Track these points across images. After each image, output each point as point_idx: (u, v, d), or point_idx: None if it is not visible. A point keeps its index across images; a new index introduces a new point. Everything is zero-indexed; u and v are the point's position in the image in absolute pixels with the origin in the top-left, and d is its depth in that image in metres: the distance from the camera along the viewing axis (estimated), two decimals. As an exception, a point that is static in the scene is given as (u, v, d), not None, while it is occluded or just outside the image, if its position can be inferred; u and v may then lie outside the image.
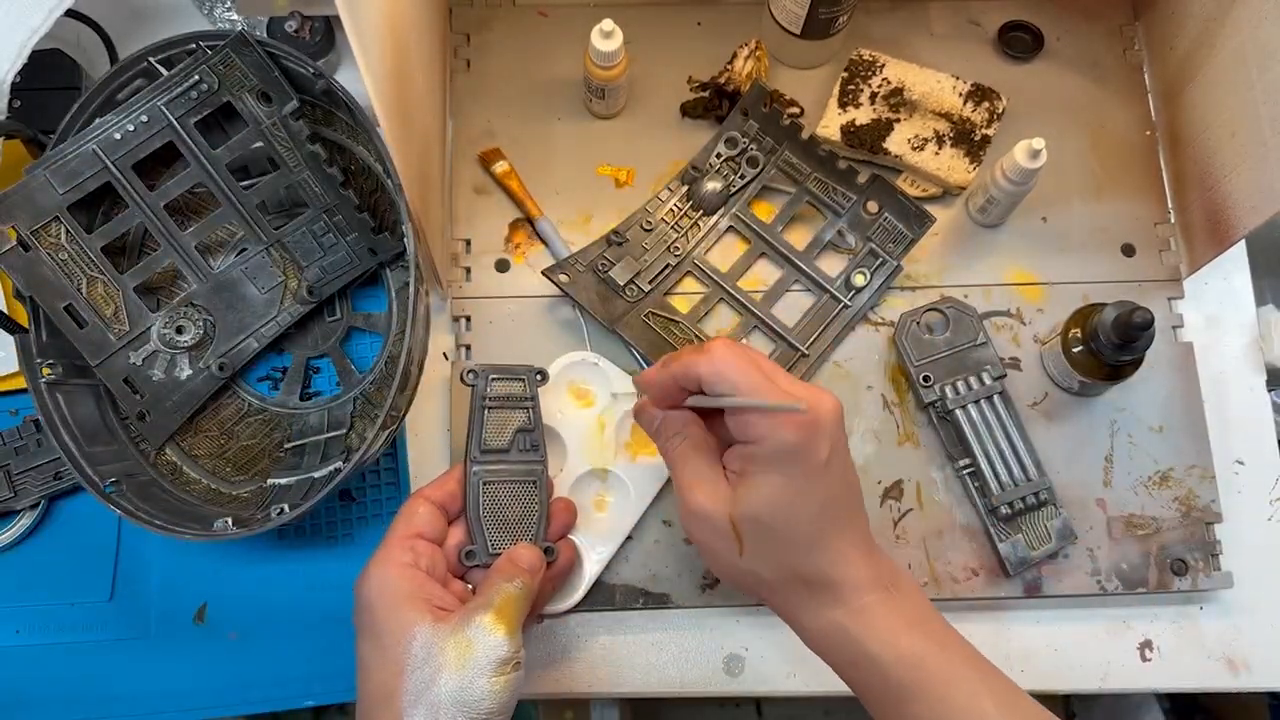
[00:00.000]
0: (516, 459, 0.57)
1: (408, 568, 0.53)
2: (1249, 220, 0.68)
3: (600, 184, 0.78)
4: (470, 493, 0.56)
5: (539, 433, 0.58)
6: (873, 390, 0.73)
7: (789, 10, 0.75)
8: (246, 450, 0.72)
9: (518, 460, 0.57)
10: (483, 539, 0.56)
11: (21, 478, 0.69)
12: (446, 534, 0.58)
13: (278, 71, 0.65)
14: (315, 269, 0.72)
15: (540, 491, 0.57)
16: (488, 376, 0.58)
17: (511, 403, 0.58)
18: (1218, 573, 0.70)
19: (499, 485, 0.57)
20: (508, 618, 0.51)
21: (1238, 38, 0.69)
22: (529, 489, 0.57)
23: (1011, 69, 0.81)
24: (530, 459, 0.57)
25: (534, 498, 0.57)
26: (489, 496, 0.56)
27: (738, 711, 1.32)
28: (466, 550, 0.56)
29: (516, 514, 0.57)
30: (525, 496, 0.57)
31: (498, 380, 0.58)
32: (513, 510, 0.57)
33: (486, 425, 0.58)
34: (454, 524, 0.59)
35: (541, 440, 0.58)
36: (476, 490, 0.56)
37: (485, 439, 0.57)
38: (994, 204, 0.74)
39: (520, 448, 0.58)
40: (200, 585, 0.70)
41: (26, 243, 0.65)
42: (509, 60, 0.80)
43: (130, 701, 0.67)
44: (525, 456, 0.58)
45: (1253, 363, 0.76)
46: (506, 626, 0.51)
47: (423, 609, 0.51)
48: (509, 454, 0.57)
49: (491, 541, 0.56)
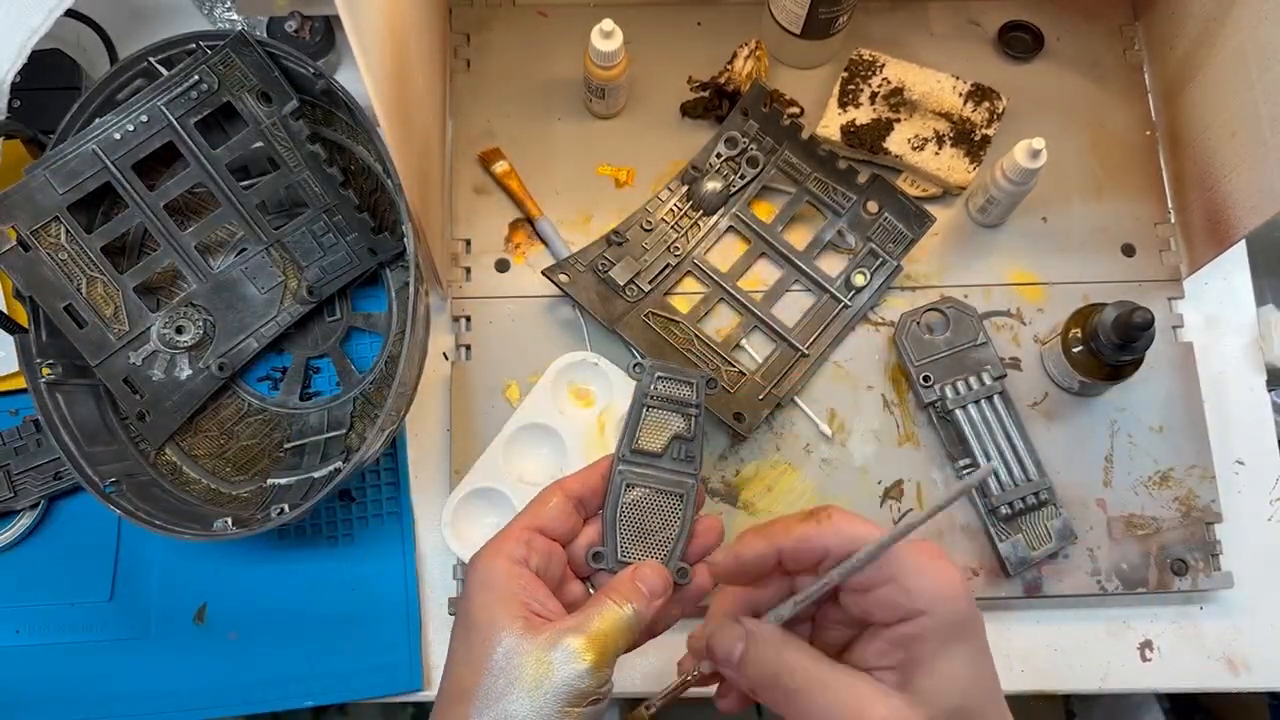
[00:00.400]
0: (668, 466, 0.53)
1: (515, 564, 0.48)
2: (1249, 220, 0.68)
3: (600, 184, 0.78)
4: (611, 492, 0.52)
5: (698, 444, 0.54)
6: (873, 390, 0.73)
7: (789, 10, 0.75)
8: (246, 450, 0.72)
9: (669, 468, 0.53)
10: (613, 543, 0.51)
11: (21, 478, 0.69)
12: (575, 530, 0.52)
13: (278, 71, 0.65)
14: (315, 269, 0.72)
15: (687, 507, 0.53)
16: (654, 373, 0.54)
17: (674, 406, 0.54)
18: (1218, 573, 0.70)
19: (643, 491, 0.52)
20: (600, 646, 0.45)
21: (1238, 37, 0.69)
22: (675, 501, 0.52)
23: (1011, 69, 0.81)
24: (683, 470, 0.53)
25: (678, 511, 0.52)
26: (630, 500, 0.52)
27: (738, 711, 1.31)
28: (594, 551, 0.51)
29: (656, 525, 0.52)
30: (669, 508, 0.52)
31: (664, 379, 0.54)
32: (652, 520, 0.52)
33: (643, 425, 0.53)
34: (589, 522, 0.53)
35: (699, 453, 0.54)
36: (618, 491, 0.52)
37: (639, 439, 0.53)
38: (994, 204, 0.73)
39: (674, 455, 0.53)
40: (200, 585, 0.70)
41: (26, 243, 0.65)
42: (509, 60, 0.80)
43: (130, 701, 0.67)
44: (678, 466, 0.53)
45: (1253, 363, 0.76)
46: (596, 655, 0.44)
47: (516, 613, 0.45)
48: (660, 459, 0.53)
49: (623, 549, 0.51)
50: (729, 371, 0.72)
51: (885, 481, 0.71)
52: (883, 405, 0.73)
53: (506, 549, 0.48)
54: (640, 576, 0.49)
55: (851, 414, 0.73)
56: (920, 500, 0.71)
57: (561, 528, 0.51)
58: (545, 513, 0.51)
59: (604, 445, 0.69)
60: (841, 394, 0.73)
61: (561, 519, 0.51)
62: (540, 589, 0.47)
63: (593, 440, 0.69)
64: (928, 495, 0.71)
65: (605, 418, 0.70)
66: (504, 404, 0.72)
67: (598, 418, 0.70)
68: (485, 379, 0.73)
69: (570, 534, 0.52)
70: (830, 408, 0.73)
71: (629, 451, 0.53)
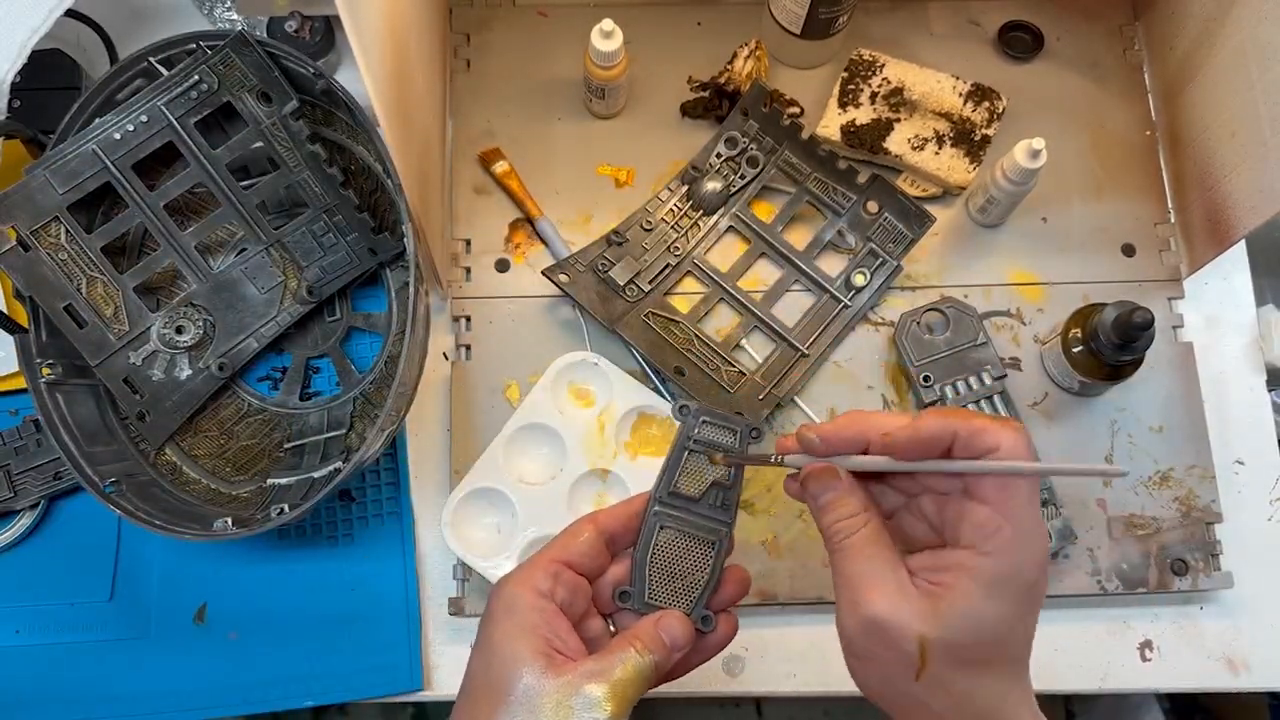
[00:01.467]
0: (704, 513, 0.52)
1: (541, 597, 0.47)
2: (1249, 220, 0.68)
3: (600, 184, 0.78)
4: (644, 532, 0.52)
5: (736, 493, 0.53)
6: (873, 390, 0.73)
7: (789, 10, 0.75)
8: (246, 450, 0.72)
9: (705, 515, 0.52)
10: (641, 584, 0.51)
11: (21, 478, 0.69)
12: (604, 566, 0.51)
13: (278, 71, 0.65)
14: (315, 269, 0.72)
15: (718, 556, 0.52)
16: (700, 417, 0.53)
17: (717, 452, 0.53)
18: (1218, 573, 0.70)
19: (676, 534, 0.52)
20: (621, 695, 0.45)
21: (1238, 37, 0.69)
22: (706, 549, 0.52)
23: (1011, 69, 0.81)
24: (718, 518, 0.52)
25: (708, 559, 0.52)
26: (662, 542, 0.51)
27: (738, 711, 1.32)
28: (621, 591, 0.51)
29: (685, 570, 0.51)
30: (700, 555, 0.52)
31: (709, 424, 0.53)
32: (682, 565, 0.52)
33: (684, 468, 0.52)
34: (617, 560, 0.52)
35: (735, 501, 0.53)
36: (651, 532, 0.51)
37: (678, 482, 0.52)
38: (994, 204, 0.74)
39: (711, 502, 0.52)
40: (200, 585, 0.70)
41: (26, 243, 0.65)
42: (509, 60, 0.80)
43: (130, 701, 0.67)
44: (714, 513, 0.52)
45: (1253, 363, 0.76)
46: (615, 705, 0.44)
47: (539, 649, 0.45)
48: (697, 504, 0.52)
49: (650, 591, 0.51)
50: (729, 371, 0.72)
51: (885, 481, 0.71)
52: (883, 405, 0.73)
53: (534, 580, 0.48)
54: (664, 626, 0.49)
55: (851, 414, 0.72)
56: (920, 500, 0.71)
57: (590, 563, 0.50)
58: (575, 547, 0.50)
59: (604, 445, 0.69)
60: (841, 394, 0.73)
61: (591, 554, 0.50)
62: (563, 624, 0.47)
63: (593, 440, 0.69)
64: (928, 495, 0.71)
65: (605, 418, 0.70)
66: (504, 404, 0.72)
67: (598, 418, 0.70)
68: (485, 379, 0.73)
69: (598, 570, 0.51)
70: (830, 408, 0.73)
71: (666, 494, 0.52)
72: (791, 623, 0.70)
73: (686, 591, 0.51)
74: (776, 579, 0.69)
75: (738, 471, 0.53)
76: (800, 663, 0.69)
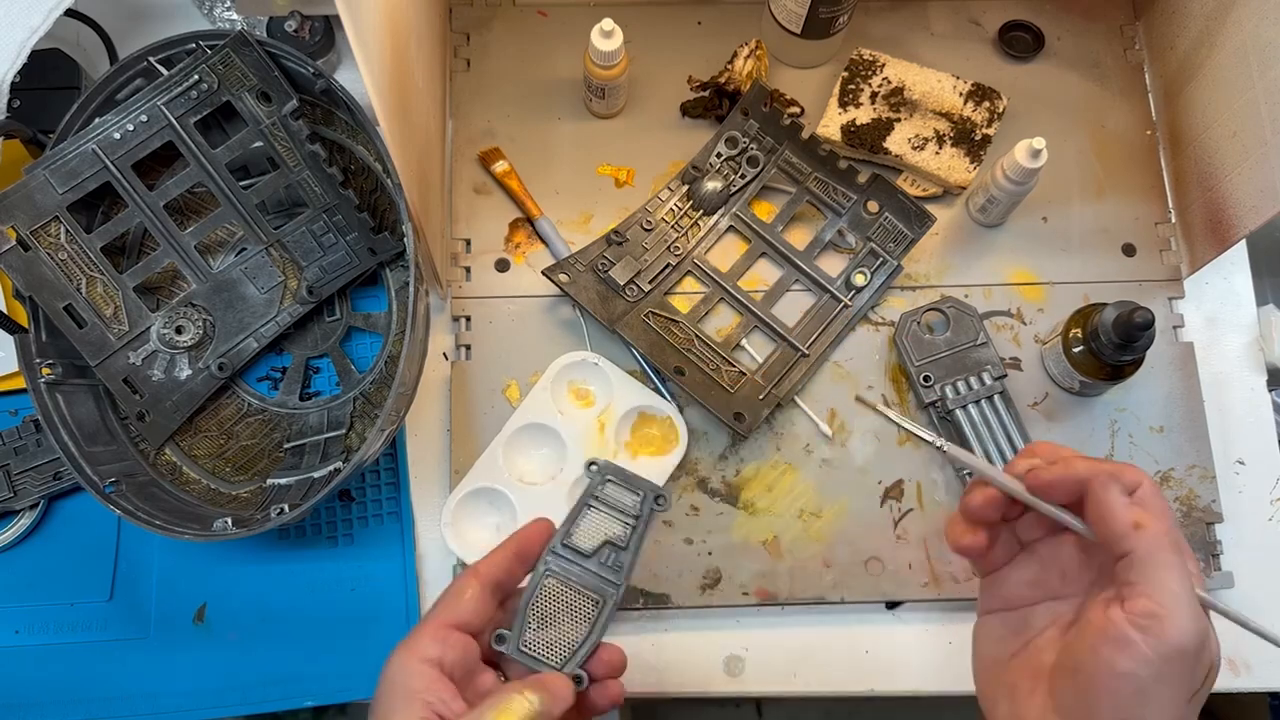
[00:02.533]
0: (594, 569, 0.52)
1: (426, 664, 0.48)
2: (1249, 220, 0.68)
3: (600, 184, 0.78)
4: (532, 578, 0.52)
5: (629, 556, 0.53)
6: (873, 390, 0.73)
7: (789, 10, 0.75)
8: (246, 450, 0.72)
9: (594, 571, 0.52)
10: (519, 630, 0.51)
11: (21, 478, 0.69)
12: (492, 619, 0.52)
13: (277, 71, 0.65)
14: (315, 269, 0.72)
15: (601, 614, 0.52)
16: (604, 475, 0.54)
17: (616, 512, 0.54)
18: (1218, 573, 0.70)
19: (563, 585, 0.52)
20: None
21: (1238, 37, 0.69)
22: (590, 605, 0.52)
23: (1011, 69, 0.81)
24: (607, 576, 0.52)
25: (591, 616, 0.52)
26: (547, 592, 0.52)
27: (738, 711, 1.32)
28: (498, 633, 0.51)
29: (566, 623, 0.51)
30: (583, 611, 0.52)
31: (614, 484, 0.54)
32: (564, 618, 0.52)
33: (580, 522, 0.53)
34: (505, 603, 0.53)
35: (629, 565, 0.53)
36: (538, 579, 0.52)
37: (573, 534, 0.53)
38: (994, 204, 0.73)
39: (602, 560, 0.53)
40: (200, 585, 0.70)
41: (26, 243, 0.65)
42: (509, 60, 0.80)
43: (130, 701, 0.67)
44: (604, 571, 0.52)
45: (1253, 363, 0.76)
46: None
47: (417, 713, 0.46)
48: (589, 560, 0.52)
49: (525, 640, 0.51)
50: (729, 371, 0.72)
51: (885, 481, 0.71)
52: (883, 405, 0.73)
53: (420, 647, 0.48)
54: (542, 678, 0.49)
55: (852, 414, 0.72)
56: (920, 500, 0.71)
57: (477, 620, 0.50)
58: (461, 606, 0.50)
59: (604, 445, 0.69)
60: (842, 394, 0.73)
61: (477, 611, 0.50)
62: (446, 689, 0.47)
63: (592, 440, 0.69)
64: (928, 495, 0.71)
65: (605, 418, 0.70)
66: (504, 404, 0.72)
67: (598, 418, 0.70)
68: (485, 379, 0.73)
69: (486, 624, 0.51)
70: (830, 408, 0.73)
71: (560, 544, 0.52)
72: (791, 623, 0.70)
73: (563, 649, 0.51)
74: (776, 579, 0.69)
75: (636, 534, 0.53)
76: (800, 663, 0.69)
